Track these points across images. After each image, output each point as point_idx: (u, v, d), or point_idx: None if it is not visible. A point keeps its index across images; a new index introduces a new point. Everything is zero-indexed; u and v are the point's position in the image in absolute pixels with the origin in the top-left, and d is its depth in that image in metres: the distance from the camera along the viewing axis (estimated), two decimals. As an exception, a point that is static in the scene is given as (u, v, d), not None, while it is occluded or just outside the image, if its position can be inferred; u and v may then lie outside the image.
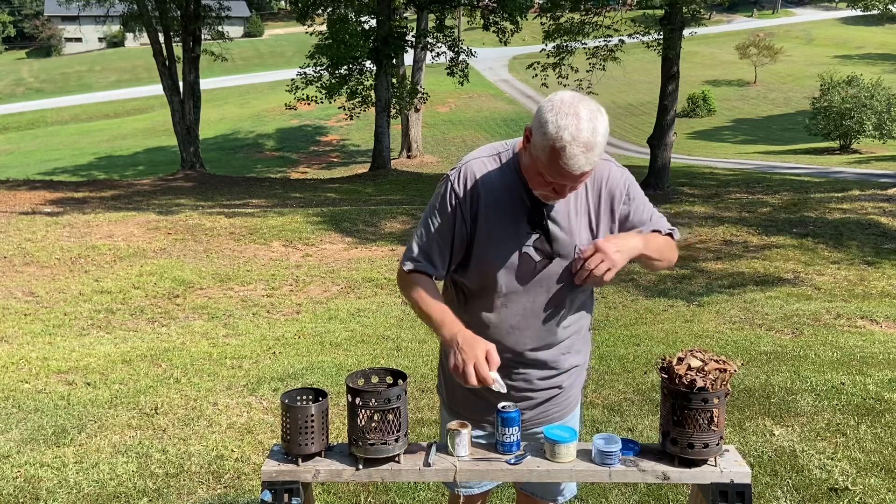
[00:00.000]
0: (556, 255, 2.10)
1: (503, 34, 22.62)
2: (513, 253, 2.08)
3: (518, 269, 2.10)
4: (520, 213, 2.07)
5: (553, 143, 1.86)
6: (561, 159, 1.86)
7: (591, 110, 1.88)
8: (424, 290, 2.12)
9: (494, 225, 2.07)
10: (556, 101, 1.89)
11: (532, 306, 2.14)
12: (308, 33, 23.03)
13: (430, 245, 2.13)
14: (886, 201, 12.20)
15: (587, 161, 1.87)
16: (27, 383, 5.04)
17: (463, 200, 2.07)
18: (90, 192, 17.75)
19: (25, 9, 77.72)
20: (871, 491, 3.37)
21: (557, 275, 2.12)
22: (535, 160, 1.94)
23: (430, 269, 2.14)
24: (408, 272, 2.15)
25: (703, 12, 29.39)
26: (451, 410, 2.33)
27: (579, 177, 1.91)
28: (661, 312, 7.04)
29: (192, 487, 3.52)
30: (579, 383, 2.37)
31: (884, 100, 29.02)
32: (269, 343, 6.10)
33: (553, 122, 1.86)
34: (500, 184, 2.07)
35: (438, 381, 2.42)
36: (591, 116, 1.86)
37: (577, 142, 1.84)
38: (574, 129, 1.84)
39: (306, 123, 39.05)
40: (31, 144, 39.38)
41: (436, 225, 2.11)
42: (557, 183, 1.94)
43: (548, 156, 1.89)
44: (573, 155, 1.85)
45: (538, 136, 1.90)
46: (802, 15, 73.76)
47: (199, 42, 22.01)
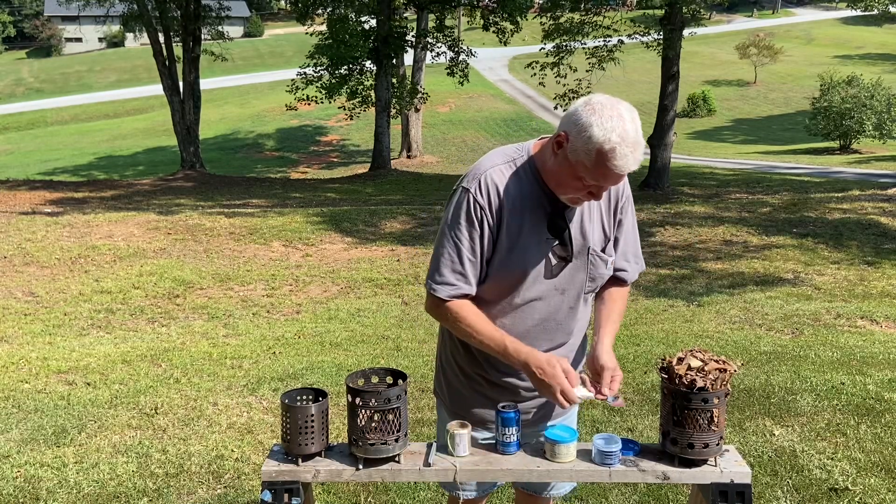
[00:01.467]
0: (571, 259, 2.11)
1: (503, 34, 22.62)
2: (534, 259, 2.08)
3: (538, 274, 2.10)
4: (540, 219, 2.06)
5: (601, 146, 1.86)
6: (610, 161, 1.86)
7: (630, 110, 1.90)
8: (471, 316, 2.08)
9: (516, 233, 2.05)
10: (596, 105, 1.89)
11: (547, 309, 2.15)
12: (308, 33, 23.04)
13: (461, 263, 2.06)
14: (886, 201, 12.20)
15: (634, 160, 1.88)
16: (27, 383, 5.04)
17: (487, 211, 2.03)
18: (90, 192, 17.75)
19: (25, 9, 77.72)
20: (871, 491, 3.37)
21: (572, 277, 2.13)
22: (575, 164, 1.92)
23: (468, 289, 2.08)
24: (446, 300, 2.08)
25: (703, 12, 29.36)
26: (455, 414, 2.31)
27: (622, 177, 1.92)
28: (661, 312, 7.04)
29: (192, 487, 3.52)
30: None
31: (884, 100, 29.01)
32: (269, 343, 6.10)
33: (598, 124, 1.86)
34: (519, 191, 2.05)
35: (438, 384, 2.39)
36: (632, 117, 1.89)
37: (626, 142, 1.85)
38: (622, 130, 1.85)
39: (306, 123, 39.05)
40: (31, 144, 39.37)
41: (464, 241, 2.05)
42: (596, 186, 1.94)
43: (594, 159, 1.88)
44: (623, 155, 1.86)
45: (581, 140, 1.89)
46: (802, 15, 73.76)
47: (199, 42, 22.02)
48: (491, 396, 2.22)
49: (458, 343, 2.25)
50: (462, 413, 2.29)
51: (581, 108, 1.91)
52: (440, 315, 2.14)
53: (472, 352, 2.21)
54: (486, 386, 2.24)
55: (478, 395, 2.25)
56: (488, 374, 2.22)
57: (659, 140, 17.47)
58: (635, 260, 2.26)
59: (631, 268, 2.25)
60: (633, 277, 2.27)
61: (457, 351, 2.27)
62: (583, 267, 2.13)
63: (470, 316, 2.08)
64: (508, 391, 2.23)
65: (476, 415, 2.26)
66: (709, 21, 59.35)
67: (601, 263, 2.15)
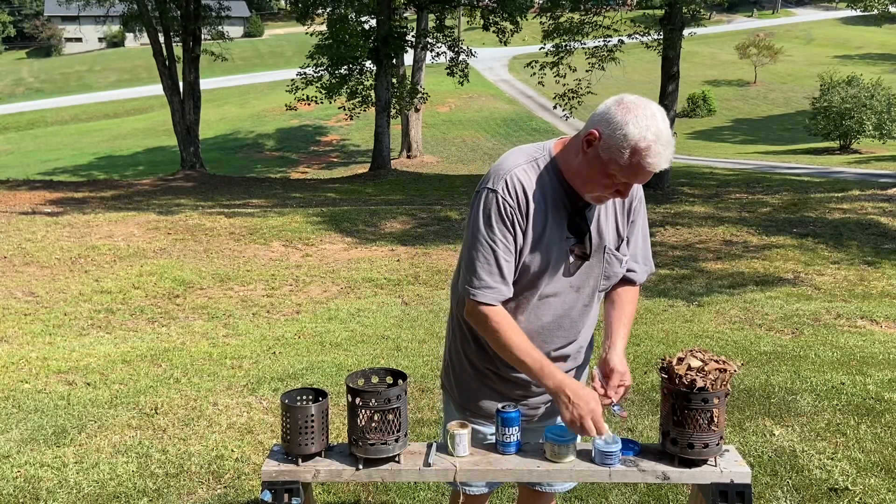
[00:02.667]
0: (589, 257, 2.15)
1: (503, 34, 22.62)
2: (555, 257, 2.10)
3: (557, 271, 2.13)
4: (561, 218, 2.09)
5: (636, 144, 1.89)
6: (645, 158, 1.90)
7: (661, 110, 1.95)
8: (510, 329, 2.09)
9: (540, 232, 2.08)
10: (629, 104, 1.93)
11: (563, 307, 2.18)
12: (308, 33, 23.04)
13: (498, 266, 2.07)
14: (886, 201, 12.20)
15: (666, 159, 1.92)
16: (27, 383, 5.04)
17: (517, 210, 2.05)
18: (90, 192, 17.76)
19: (25, 9, 77.73)
20: (871, 491, 3.37)
21: (588, 275, 2.17)
22: (608, 162, 1.94)
23: (507, 292, 2.10)
24: (489, 306, 2.09)
25: (703, 12, 29.36)
26: (463, 408, 2.33)
27: (650, 175, 1.96)
28: (661, 312, 7.03)
29: (192, 487, 3.52)
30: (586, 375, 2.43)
31: (884, 100, 29.01)
32: (269, 343, 6.09)
33: (634, 122, 1.89)
34: (542, 190, 2.08)
35: (446, 378, 2.39)
36: (663, 116, 1.93)
37: (660, 140, 1.90)
38: (656, 129, 1.89)
39: (306, 123, 39.05)
40: (31, 144, 39.37)
41: (498, 242, 2.06)
42: (625, 183, 1.98)
43: (628, 156, 1.91)
44: (657, 153, 1.90)
45: (615, 138, 1.91)
46: (802, 15, 73.76)
47: (199, 42, 22.01)
48: (500, 390, 2.25)
49: (468, 337, 2.26)
50: (470, 407, 2.30)
51: (614, 106, 1.94)
52: (480, 321, 2.12)
53: (483, 346, 2.22)
54: (495, 380, 2.25)
55: (487, 389, 2.27)
56: (498, 368, 2.23)
57: (659, 140, 17.45)
58: (644, 262, 2.29)
59: (640, 269, 2.28)
60: (642, 279, 2.30)
61: (467, 345, 2.27)
62: (598, 265, 2.16)
63: (510, 329, 2.09)
64: (518, 385, 2.24)
65: (484, 408, 2.27)
66: (709, 21, 59.34)
67: (616, 262, 2.18)
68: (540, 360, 2.07)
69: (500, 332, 2.08)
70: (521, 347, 2.07)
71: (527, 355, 2.07)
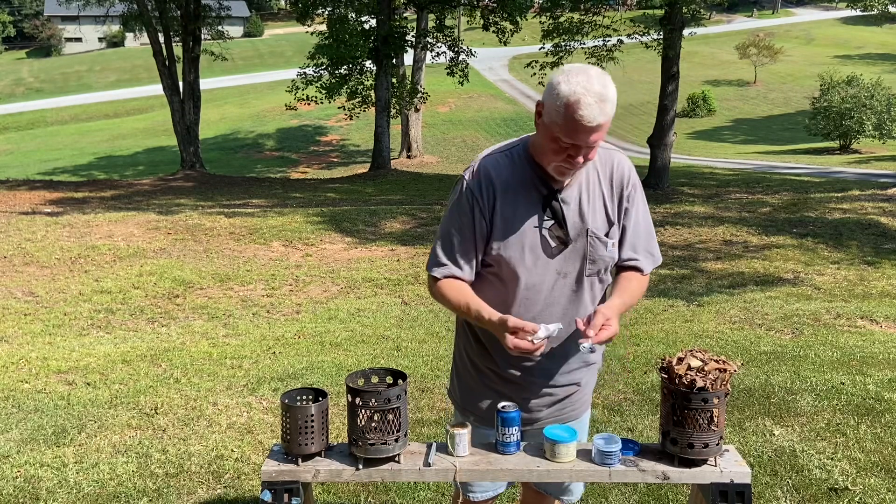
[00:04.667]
0: (570, 241, 2.14)
1: (503, 34, 22.62)
2: (532, 241, 2.13)
3: (536, 257, 2.14)
4: (535, 202, 2.13)
5: (567, 99, 1.94)
6: (577, 112, 1.94)
7: (600, 71, 2.00)
8: (456, 289, 2.17)
9: (511, 218, 2.12)
10: (566, 68, 2.02)
11: (551, 295, 2.17)
12: (309, 33, 23.04)
13: (454, 248, 2.16)
14: (886, 201, 12.20)
15: (601, 111, 1.94)
16: (27, 383, 5.04)
17: (480, 197, 2.12)
18: (90, 192, 17.76)
19: (25, 9, 77.72)
20: (871, 491, 3.37)
21: (573, 259, 2.16)
22: (550, 125, 2.00)
23: (459, 273, 2.17)
24: (438, 280, 2.19)
25: (703, 12, 29.35)
26: (466, 410, 2.35)
27: (593, 130, 1.96)
28: (661, 312, 7.03)
29: (192, 487, 3.52)
30: (593, 382, 2.40)
31: (884, 100, 29.02)
32: (269, 343, 6.09)
33: (565, 81, 1.96)
34: (514, 177, 2.13)
35: (451, 383, 2.44)
36: (600, 75, 1.98)
37: (590, 92, 1.93)
38: (586, 83, 1.95)
39: (306, 123, 39.05)
40: (31, 144, 39.37)
41: (457, 226, 2.15)
42: (574, 144, 1.99)
43: (563, 114, 1.96)
44: (587, 104, 1.93)
45: (551, 99, 1.99)
46: (802, 15, 73.76)
47: (199, 42, 22.02)
48: (500, 391, 2.26)
49: (470, 337, 2.30)
50: (471, 409, 2.32)
51: (554, 74, 2.03)
52: (435, 294, 2.22)
53: (484, 346, 2.25)
54: (496, 381, 2.27)
55: (488, 390, 2.29)
56: (499, 367, 2.24)
57: (659, 140, 17.48)
58: (646, 252, 2.25)
59: (642, 259, 2.25)
60: (647, 269, 2.26)
61: (469, 345, 2.31)
62: (582, 249, 2.16)
63: (454, 288, 2.17)
64: (518, 386, 2.25)
65: (485, 409, 2.28)
66: (709, 21, 59.33)
67: (601, 245, 2.16)
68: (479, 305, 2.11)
69: (447, 297, 2.17)
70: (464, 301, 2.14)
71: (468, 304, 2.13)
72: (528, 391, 2.25)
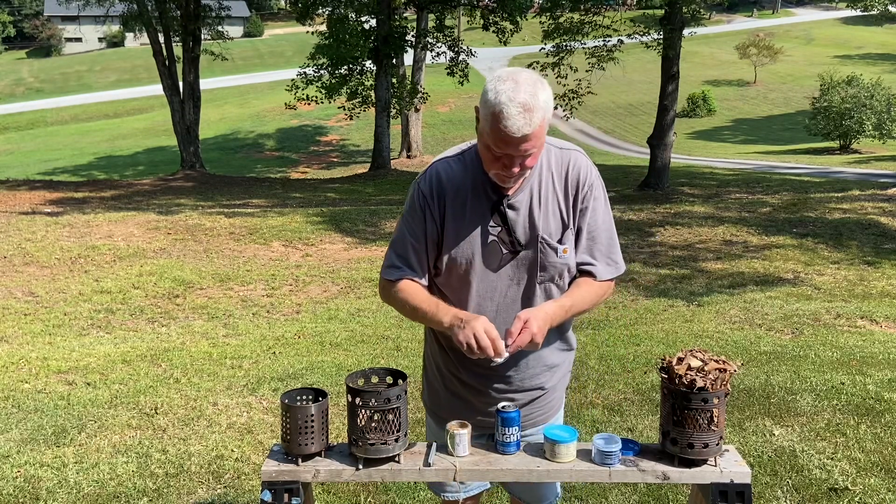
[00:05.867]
0: (519, 248, 2.10)
1: (503, 34, 22.62)
2: (482, 246, 2.10)
3: (486, 264, 2.11)
4: (485, 209, 2.09)
5: (493, 109, 1.89)
6: (501, 122, 1.88)
7: (530, 78, 1.92)
8: (410, 290, 2.13)
9: (461, 222, 2.10)
10: (499, 73, 1.95)
11: (504, 301, 2.14)
12: (310, 32, 23.04)
13: (406, 251, 2.14)
14: (886, 201, 12.20)
15: (526, 122, 1.87)
16: (27, 383, 5.04)
17: (431, 200, 2.10)
18: (90, 192, 17.76)
19: (25, 9, 77.74)
20: (871, 491, 3.37)
21: (524, 266, 2.12)
22: (482, 134, 1.97)
23: (411, 275, 2.14)
24: (391, 282, 2.15)
25: (703, 12, 29.36)
26: (435, 415, 2.36)
27: (521, 141, 1.90)
28: (661, 312, 7.04)
29: (192, 487, 3.52)
30: (563, 384, 2.35)
31: (884, 100, 29.03)
32: (269, 343, 6.10)
33: (493, 89, 1.91)
34: (464, 182, 2.10)
35: (423, 389, 2.43)
36: (529, 82, 1.90)
37: (514, 102, 1.87)
38: (511, 92, 1.88)
39: (306, 123, 39.06)
40: (31, 144, 39.38)
41: (410, 230, 2.13)
42: (505, 155, 1.94)
43: (490, 123, 1.91)
44: (510, 115, 1.87)
45: (482, 107, 1.94)
46: (802, 15, 73.78)
47: (199, 42, 22.02)
48: (463, 396, 2.26)
49: (436, 342, 2.29)
50: (437, 410, 2.34)
51: (488, 79, 1.96)
52: (388, 297, 2.18)
53: (447, 351, 2.24)
54: (458, 386, 2.26)
55: (451, 395, 2.29)
56: (460, 373, 2.23)
57: (659, 140, 17.47)
58: (606, 260, 2.16)
59: (599, 265, 2.15)
60: (603, 276, 2.16)
61: (435, 350, 2.30)
62: (532, 256, 2.11)
63: (408, 289, 2.13)
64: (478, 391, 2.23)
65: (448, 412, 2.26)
66: (709, 21, 59.38)
67: (551, 252, 2.10)
68: (436, 302, 2.09)
69: (402, 299, 2.13)
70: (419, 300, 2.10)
71: (424, 303, 2.09)
72: (487, 396, 2.22)
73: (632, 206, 13.74)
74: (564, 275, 2.15)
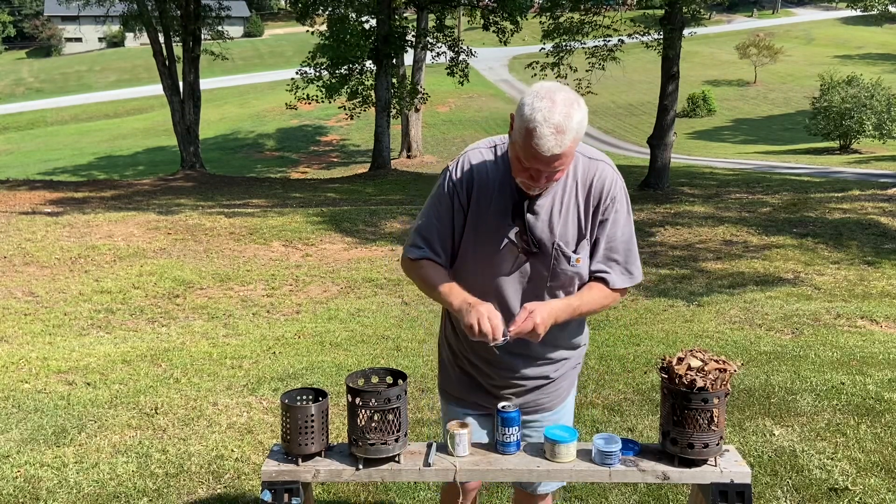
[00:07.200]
0: (534, 250, 2.13)
1: (503, 34, 22.62)
2: (496, 244, 2.14)
3: (499, 261, 2.16)
4: (508, 207, 2.13)
5: (527, 125, 1.93)
6: (533, 140, 1.92)
7: (567, 98, 1.95)
8: (430, 269, 2.19)
9: (483, 215, 2.14)
10: (537, 87, 1.99)
11: (509, 300, 2.19)
12: (310, 32, 23.03)
13: (431, 232, 2.19)
14: (886, 201, 12.20)
15: (557, 143, 1.92)
16: (27, 383, 5.04)
17: (460, 188, 2.15)
18: (90, 192, 17.76)
19: (25, 9, 77.72)
20: (871, 491, 3.37)
21: (536, 270, 2.16)
22: (514, 144, 2.01)
23: (433, 257, 2.19)
24: (413, 260, 2.21)
25: (703, 12, 29.36)
26: (444, 392, 2.44)
27: (551, 160, 1.95)
28: (661, 312, 7.04)
29: (192, 487, 3.52)
30: (572, 375, 2.40)
31: (884, 100, 29.02)
32: (269, 343, 6.10)
33: (529, 104, 1.95)
34: (493, 175, 2.14)
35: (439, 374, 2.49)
36: (566, 102, 1.94)
37: (548, 123, 1.91)
38: (547, 112, 1.92)
39: (306, 123, 39.05)
40: (31, 144, 39.38)
41: (436, 213, 2.18)
42: (533, 168, 1.99)
43: (522, 137, 1.95)
44: (543, 135, 1.91)
45: (517, 118, 1.99)
46: (802, 15, 73.78)
47: (199, 42, 22.01)
48: (471, 374, 2.34)
49: (450, 321, 2.36)
50: (446, 388, 2.42)
51: (527, 90, 2.01)
52: (408, 270, 2.26)
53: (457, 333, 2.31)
54: (467, 365, 2.34)
55: (461, 373, 2.36)
56: (469, 354, 2.31)
57: (659, 140, 17.47)
58: (621, 269, 2.18)
59: (613, 274, 2.18)
60: (617, 284, 2.18)
61: (449, 331, 2.38)
62: (546, 260, 2.14)
63: (428, 269, 2.19)
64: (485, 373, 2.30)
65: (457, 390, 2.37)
66: (709, 21, 59.35)
67: (563, 259, 2.14)
68: (451, 285, 2.14)
69: (420, 276, 2.19)
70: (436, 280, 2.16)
71: (440, 284, 2.15)
72: (494, 379, 2.30)
73: (632, 206, 13.73)
74: (574, 282, 2.19)
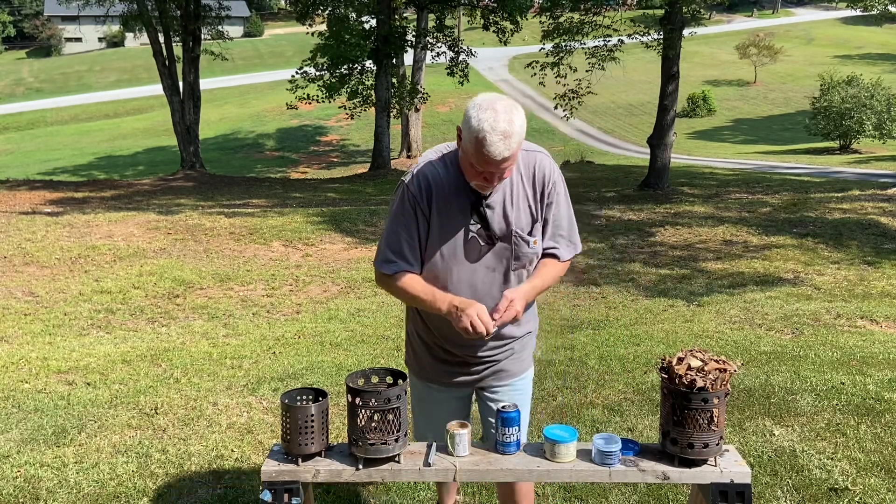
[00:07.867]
0: (496, 240, 2.39)
1: (503, 34, 22.61)
2: (461, 241, 2.37)
3: (466, 255, 2.39)
4: (465, 207, 2.36)
5: (476, 135, 2.15)
6: (484, 147, 2.15)
7: (507, 106, 2.18)
8: (407, 280, 2.39)
9: (445, 218, 2.36)
10: (479, 100, 2.21)
11: (481, 286, 2.41)
12: (310, 33, 23.03)
13: (400, 246, 2.38)
14: (886, 201, 12.20)
15: (506, 147, 2.15)
16: (27, 383, 5.04)
17: (420, 198, 2.35)
18: (90, 192, 17.76)
19: (25, 9, 77.74)
20: (871, 491, 3.37)
21: (500, 256, 2.41)
22: (465, 153, 2.24)
23: (407, 267, 2.39)
24: (389, 275, 2.41)
25: (703, 12, 29.37)
26: (420, 376, 2.67)
27: (501, 162, 2.18)
28: (661, 312, 7.04)
29: (192, 487, 3.51)
30: (531, 346, 2.69)
31: (884, 100, 29.01)
32: (269, 343, 6.10)
33: (475, 116, 2.16)
34: (446, 180, 2.36)
35: (407, 354, 2.75)
36: (507, 110, 2.17)
37: (495, 131, 2.14)
38: (492, 121, 2.14)
39: (306, 123, 39.06)
40: (31, 144, 39.38)
41: (402, 226, 2.38)
42: (486, 171, 2.21)
43: (473, 146, 2.17)
44: (492, 142, 2.14)
45: (465, 131, 2.21)
46: (802, 15, 73.80)
47: (199, 42, 22.01)
48: (445, 360, 2.57)
49: (419, 318, 2.59)
50: (423, 373, 2.64)
51: (469, 104, 2.23)
52: (386, 287, 2.47)
53: (429, 325, 2.55)
54: (441, 352, 2.57)
55: (435, 361, 2.59)
56: (442, 343, 2.54)
57: (659, 140, 17.47)
58: (567, 243, 2.50)
59: (562, 248, 2.49)
60: (566, 256, 2.50)
61: (419, 325, 2.61)
62: (507, 248, 2.40)
63: (407, 284, 2.40)
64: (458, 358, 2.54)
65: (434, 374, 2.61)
66: (709, 21, 59.38)
67: (523, 244, 2.40)
68: (432, 291, 2.36)
69: (400, 289, 2.41)
70: (417, 290, 2.38)
71: (422, 293, 2.37)
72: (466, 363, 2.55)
73: (632, 206, 13.75)
74: (534, 261, 2.47)
